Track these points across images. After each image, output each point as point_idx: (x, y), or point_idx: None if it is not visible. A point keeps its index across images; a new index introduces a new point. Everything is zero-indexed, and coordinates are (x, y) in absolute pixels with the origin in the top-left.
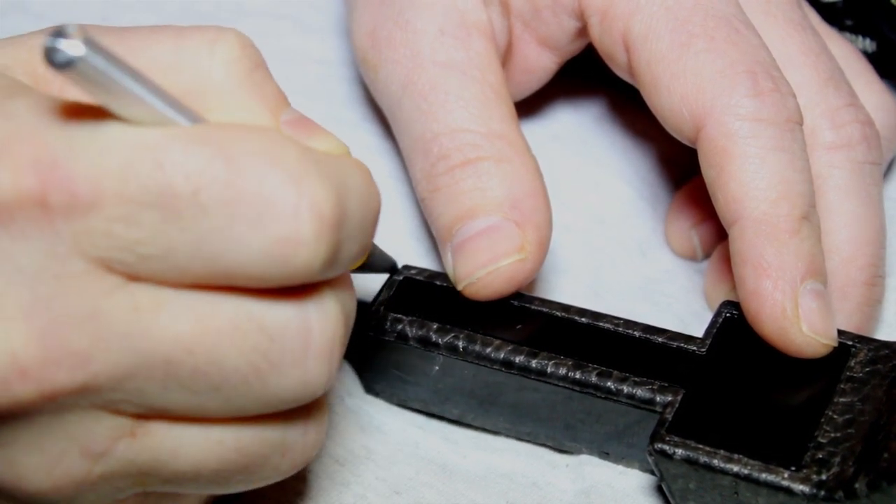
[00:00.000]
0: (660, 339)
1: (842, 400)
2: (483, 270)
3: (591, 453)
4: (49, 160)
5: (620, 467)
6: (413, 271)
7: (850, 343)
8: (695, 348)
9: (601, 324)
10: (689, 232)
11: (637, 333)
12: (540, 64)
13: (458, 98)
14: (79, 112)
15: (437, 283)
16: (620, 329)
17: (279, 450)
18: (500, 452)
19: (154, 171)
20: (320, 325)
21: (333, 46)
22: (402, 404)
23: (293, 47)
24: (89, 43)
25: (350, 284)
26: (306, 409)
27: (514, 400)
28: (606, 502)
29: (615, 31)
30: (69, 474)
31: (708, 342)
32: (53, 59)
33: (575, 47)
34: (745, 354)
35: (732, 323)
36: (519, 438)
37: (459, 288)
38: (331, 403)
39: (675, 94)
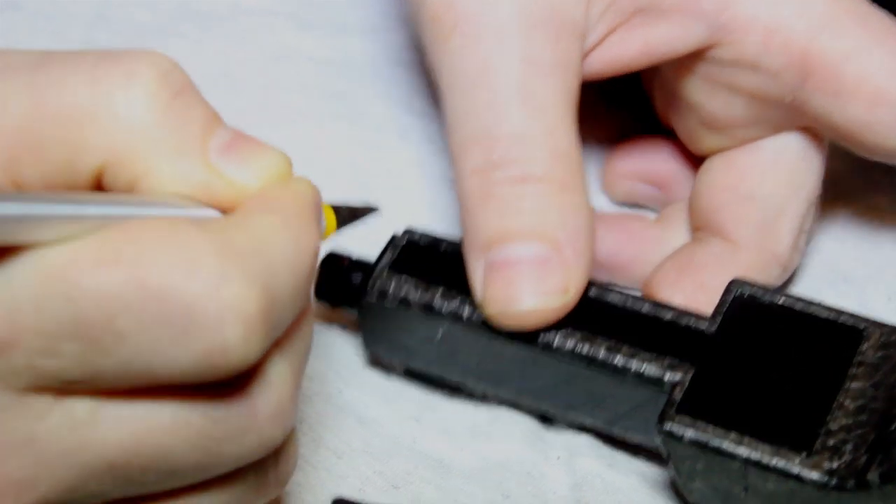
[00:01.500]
0: (668, 316)
1: (854, 385)
2: (525, 306)
3: (594, 426)
4: None
5: (611, 460)
6: (417, 234)
7: (861, 326)
8: (704, 326)
9: (609, 298)
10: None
11: (645, 309)
12: (617, 66)
13: (537, 106)
14: None
15: (441, 247)
16: (628, 304)
17: (256, 491)
18: (495, 442)
19: (65, 304)
20: (266, 394)
21: (330, 44)
22: (403, 366)
23: (289, 44)
24: None
25: (304, 321)
26: (276, 453)
27: (518, 370)
28: (598, 495)
29: (789, 51)
30: None
31: (717, 320)
32: None
33: (672, 53)
34: (754, 333)
35: (742, 301)
36: (520, 406)
37: (486, 310)
38: (328, 395)
39: None
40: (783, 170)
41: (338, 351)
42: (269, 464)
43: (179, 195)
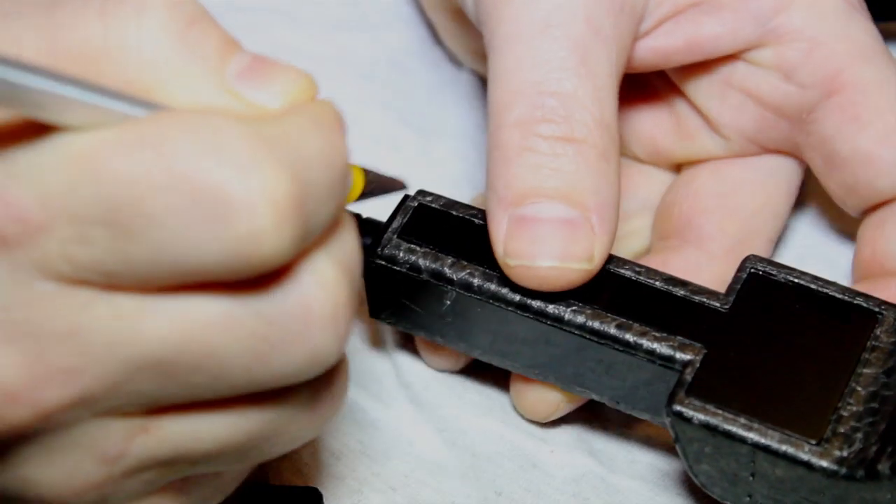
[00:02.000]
0: (681, 292)
1: (866, 371)
2: (548, 262)
3: (601, 400)
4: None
5: (608, 455)
6: (429, 198)
7: (876, 309)
8: (717, 304)
9: (622, 270)
10: None
11: (658, 283)
12: (659, 58)
13: (590, 71)
14: (16, 134)
15: (454, 212)
16: (641, 278)
17: (307, 411)
18: (489, 439)
19: (94, 186)
20: (318, 294)
21: (325, 42)
22: (408, 332)
23: (284, 42)
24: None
25: (346, 228)
26: (328, 371)
27: (527, 342)
28: (596, 489)
29: (827, 67)
30: (89, 481)
31: (731, 299)
32: None
33: (716, 52)
34: (767, 313)
35: (757, 279)
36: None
37: (507, 262)
38: None
39: None
40: (773, 191)
41: None
42: (321, 386)
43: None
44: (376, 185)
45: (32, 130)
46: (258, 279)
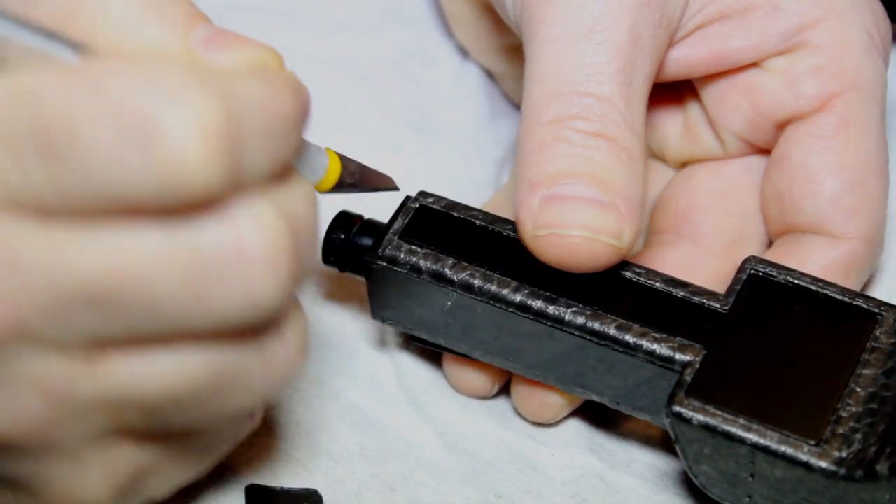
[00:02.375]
0: (681, 293)
1: (865, 371)
2: (580, 231)
3: (601, 401)
4: None
5: (608, 455)
6: (430, 199)
7: (876, 310)
8: (717, 305)
9: (622, 272)
10: None
11: (658, 285)
12: (682, 68)
13: (628, 80)
14: None
15: (455, 213)
16: (642, 279)
17: (257, 362)
18: (489, 442)
19: (29, 115)
20: (254, 234)
21: (325, 43)
22: (409, 333)
23: (284, 43)
24: None
25: (298, 186)
26: (277, 321)
27: (528, 343)
28: (597, 490)
29: (828, 86)
30: (33, 416)
31: (731, 300)
32: None
33: (738, 63)
34: (767, 314)
35: (756, 280)
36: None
37: (536, 233)
38: (325, 398)
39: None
40: None
41: (334, 354)
42: (270, 333)
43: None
44: (362, 177)
45: None
46: (192, 213)
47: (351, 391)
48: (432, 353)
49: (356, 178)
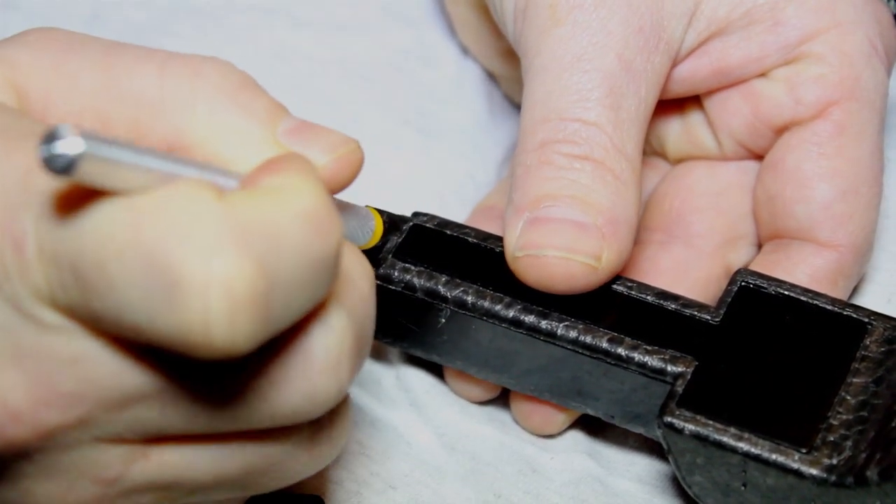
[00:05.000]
0: (673, 306)
1: (856, 380)
2: (554, 252)
3: (595, 414)
4: (10, 220)
5: (606, 459)
6: (424, 218)
7: (866, 320)
8: (708, 317)
9: (614, 286)
10: None
11: (650, 298)
12: (687, 85)
13: (616, 104)
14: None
15: (448, 231)
16: (633, 293)
17: (306, 450)
18: (488, 443)
19: (72, 238)
20: (321, 338)
21: (325, 42)
22: (404, 350)
23: (284, 42)
24: (87, 136)
25: (360, 277)
26: (331, 411)
27: (521, 358)
28: (597, 495)
29: (828, 93)
30: (85, 499)
31: (722, 311)
32: (54, 166)
33: (741, 77)
34: (758, 325)
35: (747, 292)
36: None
37: (515, 255)
38: None
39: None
40: None
41: None
42: (322, 425)
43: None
44: (390, 224)
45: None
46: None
47: (351, 390)
48: None
49: (387, 227)
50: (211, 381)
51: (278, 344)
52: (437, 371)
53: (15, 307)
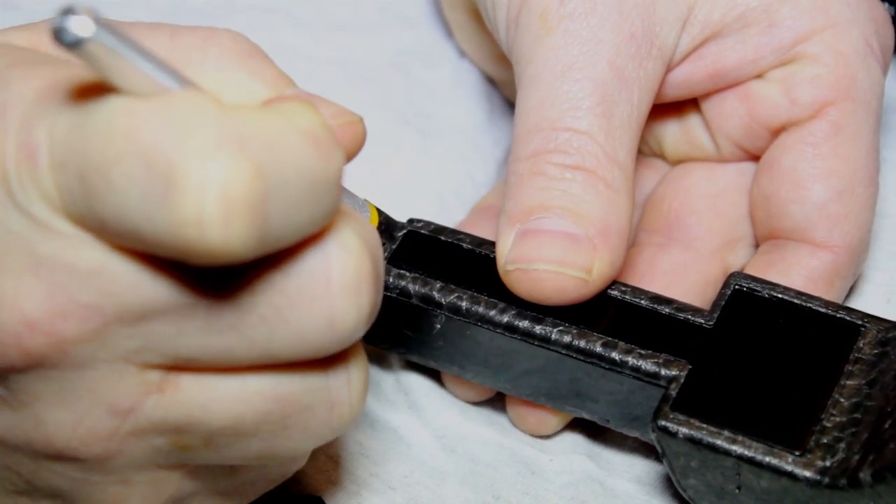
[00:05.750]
0: (666, 310)
1: (849, 382)
2: (545, 266)
3: (591, 418)
4: (26, 134)
5: (606, 461)
6: (419, 224)
7: (859, 322)
8: (702, 321)
9: (608, 291)
10: None
11: (644, 302)
12: (683, 89)
13: (608, 112)
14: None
15: (443, 237)
16: (627, 297)
17: (324, 400)
18: (487, 444)
19: (78, 141)
20: (340, 258)
21: (325, 42)
22: (401, 356)
23: (284, 42)
24: (98, 21)
25: (372, 230)
26: (344, 357)
27: (516, 362)
28: (596, 496)
29: (824, 94)
30: (96, 430)
31: (715, 315)
32: (62, 39)
33: (737, 79)
34: (752, 329)
35: (741, 296)
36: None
37: (506, 268)
38: None
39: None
40: None
41: None
42: (339, 370)
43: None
44: (385, 225)
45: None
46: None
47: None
48: None
49: (383, 227)
50: (230, 298)
51: (297, 264)
52: (436, 374)
53: (30, 217)
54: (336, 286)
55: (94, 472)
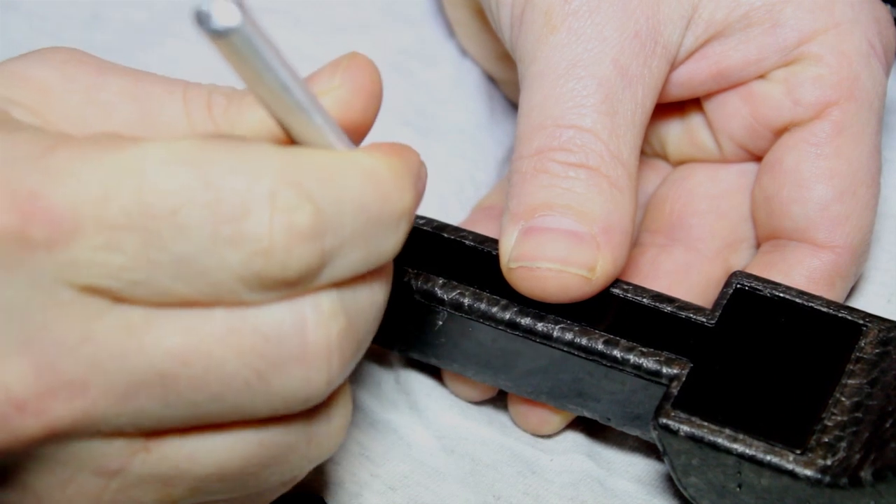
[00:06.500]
0: (668, 308)
1: (850, 381)
2: (548, 264)
3: (592, 416)
4: (27, 193)
5: (606, 460)
6: (420, 221)
7: (860, 322)
8: (703, 319)
9: (610, 289)
10: None
11: (646, 301)
12: (686, 89)
13: (612, 110)
14: (58, 143)
15: (444, 234)
16: (629, 295)
17: (304, 441)
18: (486, 443)
19: (133, 193)
20: (315, 321)
21: (326, 42)
22: (402, 354)
23: (284, 42)
24: (244, 11)
25: (374, 289)
26: (327, 402)
27: (518, 360)
28: (596, 496)
29: (827, 94)
30: (84, 492)
31: (717, 314)
32: (206, 25)
33: (740, 79)
34: (753, 327)
35: (742, 294)
36: (519, 395)
37: (509, 266)
38: None
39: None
40: None
41: None
42: (319, 417)
43: None
44: None
45: (78, 142)
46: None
47: (351, 392)
48: None
49: None
50: (217, 359)
51: (275, 328)
52: (436, 374)
53: (34, 283)
54: (312, 349)
55: None
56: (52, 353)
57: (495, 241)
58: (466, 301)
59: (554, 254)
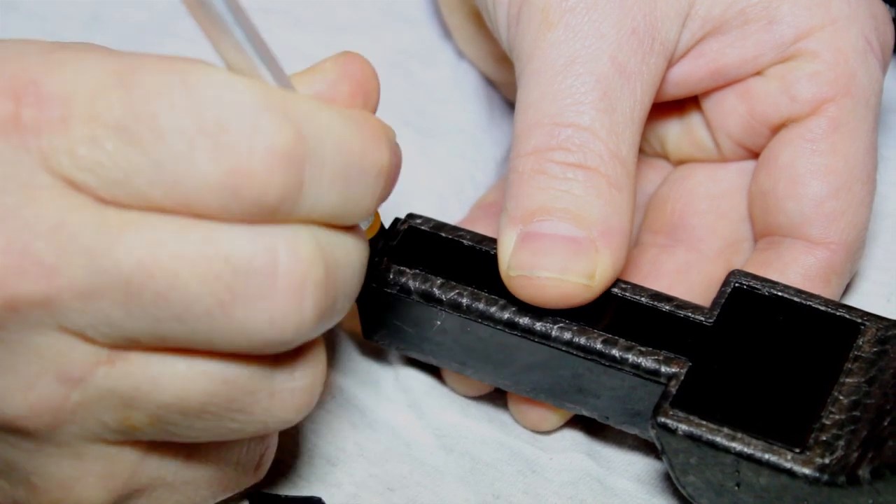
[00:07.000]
0: (667, 307)
1: (848, 380)
2: (547, 273)
3: (591, 415)
4: (27, 80)
5: (605, 459)
6: (418, 220)
7: (859, 320)
8: (702, 318)
9: (609, 288)
10: None
11: (644, 300)
12: (683, 87)
13: (610, 107)
14: (66, 45)
15: (443, 234)
16: (628, 294)
17: (266, 390)
18: (485, 442)
19: (121, 93)
20: (288, 259)
21: (325, 42)
22: (401, 353)
23: (283, 43)
24: None
25: (353, 239)
26: (293, 354)
27: (517, 359)
28: (596, 495)
29: (824, 90)
30: (45, 399)
31: (715, 313)
32: None
33: (737, 76)
34: (751, 326)
35: (741, 293)
36: (519, 394)
37: (509, 274)
38: (321, 401)
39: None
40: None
41: (333, 353)
42: (284, 366)
43: None
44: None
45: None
46: (238, 223)
47: (349, 390)
48: None
49: (383, 227)
50: (182, 278)
51: (245, 262)
52: (435, 372)
53: (17, 163)
54: (279, 288)
55: (46, 443)
56: (24, 233)
57: (493, 241)
58: (465, 301)
59: (553, 263)
